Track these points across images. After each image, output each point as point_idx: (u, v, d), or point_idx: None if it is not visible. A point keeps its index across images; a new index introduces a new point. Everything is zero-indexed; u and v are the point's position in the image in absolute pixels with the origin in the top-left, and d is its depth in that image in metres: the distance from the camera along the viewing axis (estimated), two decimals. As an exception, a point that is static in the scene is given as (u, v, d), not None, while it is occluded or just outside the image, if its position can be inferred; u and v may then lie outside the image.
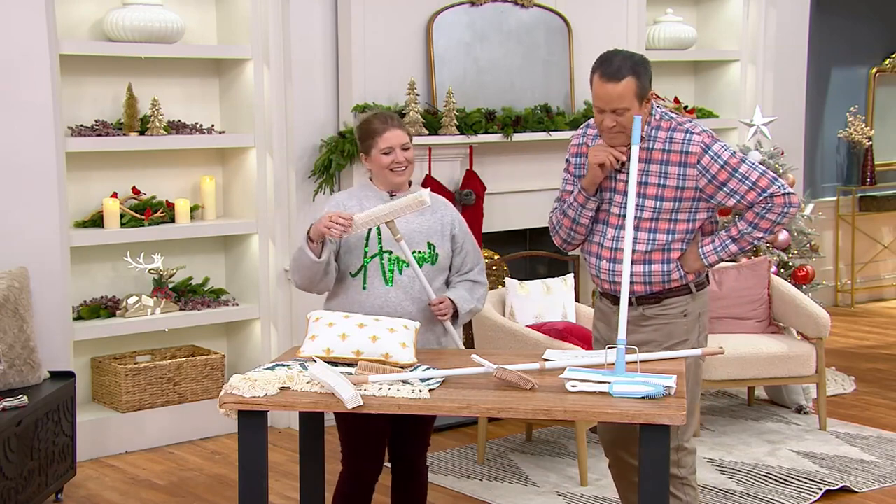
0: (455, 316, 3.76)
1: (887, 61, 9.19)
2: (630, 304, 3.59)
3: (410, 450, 3.82)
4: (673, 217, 3.59)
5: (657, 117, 3.60)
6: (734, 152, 3.59)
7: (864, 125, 8.91)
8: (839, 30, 8.82)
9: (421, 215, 3.74)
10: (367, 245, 3.69)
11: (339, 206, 3.72)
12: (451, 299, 3.72)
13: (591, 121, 3.76)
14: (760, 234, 3.62)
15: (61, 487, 4.81)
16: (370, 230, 3.70)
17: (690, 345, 3.68)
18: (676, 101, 7.43)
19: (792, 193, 3.59)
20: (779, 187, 3.57)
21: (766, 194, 3.56)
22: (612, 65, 3.47)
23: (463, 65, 6.07)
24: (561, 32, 6.42)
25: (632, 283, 3.57)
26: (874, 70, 9.15)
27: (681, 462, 3.71)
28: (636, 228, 3.57)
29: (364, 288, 3.67)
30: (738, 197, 3.56)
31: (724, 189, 3.55)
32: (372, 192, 3.77)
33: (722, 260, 3.65)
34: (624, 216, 3.57)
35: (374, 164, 3.74)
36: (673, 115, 3.65)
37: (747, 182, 3.55)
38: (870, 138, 8.96)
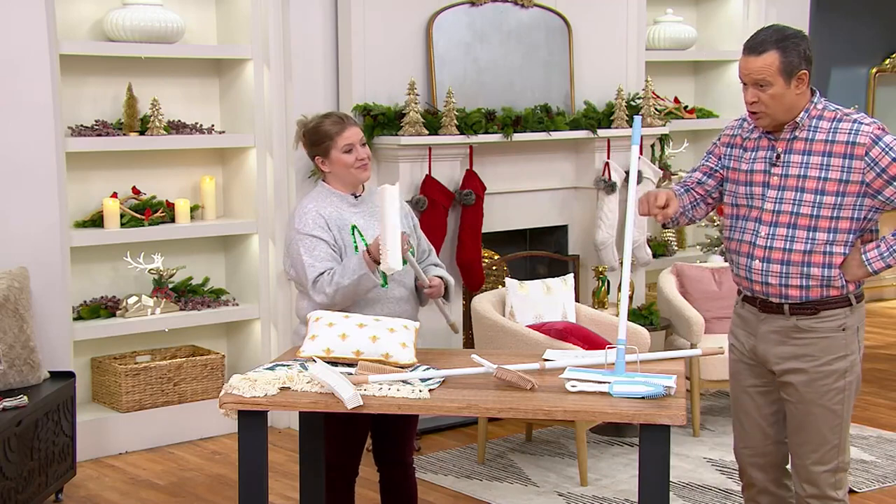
0: (446, 291, 3.85)
1: (887, 61, 9.19)
2: (782, 312, 3.41)
3: (399, 452, 3.84)
4: (835, 214, 3.32)
5: (820, 107, 3.37)
6: None
7: (864, 125, 8.91)
8: (839, 30, 8.82)
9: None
10: (356, 252, 3.68)
11: (318, 216, 3.68)
12: (440, 278, 3.82)
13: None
14: None
15: (61, 487, 4.81)
16: (359, 238, 3.69)
17: (852, 359, 3.43)
18: (676, 101, 7.42)
19: None
20: None
21: None
22: (757, 38, 3.37)
23: (463, 65, 6.07)
24: (561, 32, 6.42)
25: (787, 285, 3.38)
26: (874, 70, 9.15)
27: (838, 483, 3.47)
28: (794, 226, 3.35)
29: None
30: None
31: (894, 184, 3.27)
32: (337, 197, 3.75)
33: (889, 266, 3.36)
34: (777, 212, 3.37)
35: (337, 165, 3.72)
36: (839, 106, 3.42)
37: None
38: (870, 138, 8.96)
